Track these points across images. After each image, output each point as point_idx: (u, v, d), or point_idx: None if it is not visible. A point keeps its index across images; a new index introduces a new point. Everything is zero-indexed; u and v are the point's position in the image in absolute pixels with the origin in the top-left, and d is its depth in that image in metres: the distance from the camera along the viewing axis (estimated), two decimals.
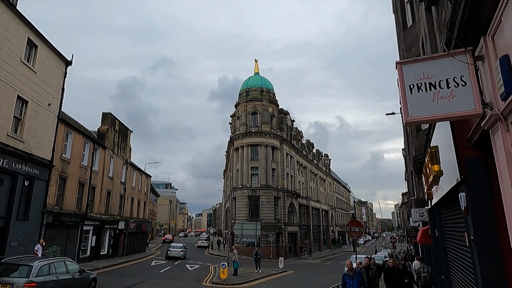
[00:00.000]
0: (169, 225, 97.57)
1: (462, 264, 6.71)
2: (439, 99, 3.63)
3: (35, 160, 18.45)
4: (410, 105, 3.75)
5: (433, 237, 11.66)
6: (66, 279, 12.36)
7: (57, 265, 12.35)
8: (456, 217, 6.84)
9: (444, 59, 3.73)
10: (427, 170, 8.72)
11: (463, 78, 3.61)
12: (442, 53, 3.83)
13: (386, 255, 36.04)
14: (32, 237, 18.54)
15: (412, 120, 3.75)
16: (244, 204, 43.93)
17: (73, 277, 12.87)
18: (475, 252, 4.56)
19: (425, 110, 3.69)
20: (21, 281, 10.51)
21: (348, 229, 16.75)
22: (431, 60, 3.81)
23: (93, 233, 26.44)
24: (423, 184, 13.65)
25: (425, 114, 3.69)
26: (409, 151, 26.98)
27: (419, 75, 3.79)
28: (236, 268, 22.90)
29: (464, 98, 3.55)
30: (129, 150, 35.40)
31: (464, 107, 3.53)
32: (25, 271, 10.98)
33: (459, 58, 3.62)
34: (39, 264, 11.50)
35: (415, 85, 3.79)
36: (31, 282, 10.61)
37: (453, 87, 3.62)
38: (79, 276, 13.25)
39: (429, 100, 3.68)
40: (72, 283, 12.72)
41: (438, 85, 3.69)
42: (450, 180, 6.10)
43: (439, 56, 3.83)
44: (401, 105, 23.42)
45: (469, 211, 4.62)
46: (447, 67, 3.70)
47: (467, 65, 3.57)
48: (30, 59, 18.49)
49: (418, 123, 3.87)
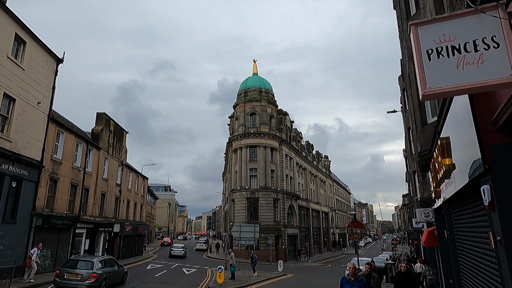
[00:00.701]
0: (168, 228, 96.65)
1: (478, 268, 6.01)
2: (465, 66, 2.94)
3: (23, 160, 17.73)
4: (428, 75, 3.05)
5: (440, 238, 10.95)
6: (111, 271, 16.83)
7: (106, 261, 16.91)
8: (471, 215, 6.14)
9: (470, 17, 3.03)
10: (436, 165, 8.03)
11: (495, 39, 2.92)
12: (468, 9, 3.12)
13: (387, 258, 35.33)
14: (20, 241, 17.80)
15: (431, 92, 3.04)
16: (242, 206, 43.15)
17: (115, 270, 17.33)
18: (502, 254, 3.85)
19: (447, 80, 3.00)
20: (87, 272, 14.93)
21: (349, 230, 16.01)
22: (454, 19, 3.10)
23: (87, 236, 25.68)
24: (428, 182, 12.95)
25: (448, 85, 2.99)
26: (410, 151, 26.27)
27: (439, 37, 3.10)
28: (233, 272, 22.15)
29: (497, 63, 2.86)
30: (124, 151, 34.66)
31: (498, 74, 2.83)
32: (89, 265, 15.37)
33: (490, 13, 2.93)
34: (97, 260, 16.10)
35: (434, 50, 3.10)
36: (94, 273, 15.02)
37: (482, 50, 2.94)
38: (118, 269, 17.80)
39: (452, 68, 2.99)
40: (115, 275, 17.21)
41: (463, 49, 3.01)
42: (464, 173, 5.41)
43: (464, 14, 3.11)
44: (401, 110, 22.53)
45: (494, 206, 3.92)
46: (474, 26, 3.01)
47: (500, 22, 2.88)
48: (18, 55, 17.83)
49: (438, 96, 3.17)
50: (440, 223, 10.81)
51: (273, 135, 46.26)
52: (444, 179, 7.45)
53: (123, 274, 18.44)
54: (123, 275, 18.37)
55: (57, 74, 21.25)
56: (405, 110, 24.03)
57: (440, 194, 9.13)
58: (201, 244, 55.03)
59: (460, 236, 7.80)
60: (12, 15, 16.91)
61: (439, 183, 8.24)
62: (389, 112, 22.58)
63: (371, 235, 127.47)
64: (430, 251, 17.90)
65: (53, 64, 20.84)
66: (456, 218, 8.05)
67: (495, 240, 4.01)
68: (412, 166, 25.82)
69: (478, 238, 5.69)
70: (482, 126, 4.10)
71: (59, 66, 21.39)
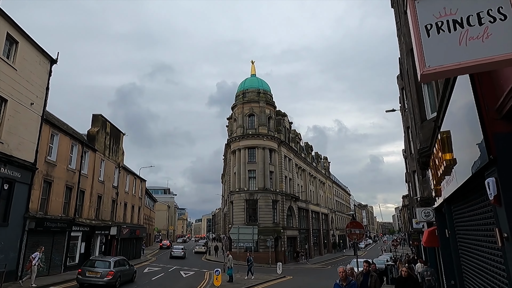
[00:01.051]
0: (167, 230, 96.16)
1: (482, 268, 5.68)
2: (468, 41, 2.64)
3: (15, 162, 17.39)
4: (427, 52, 2.74)
5: (441, 238, 10.62)
6: (124, 270, 19.00)
7: (119, 261, 18.97)
8: (474, 212, 5.82)
9: None
10: (436, 161, 7.71)
11: (502, 10, 2.61)
12: None
13: (388, 259, 34.97)
14: (12, 244, 17.46)
15: (431, 71, 2.73)
16: (241, 208, 42.76)
17: (126, 269, 19.54)
18: (510, 253, 3.54)
19: (448, 57, 2.69)
20: (105, 270, 17.06)
21: (348, 231, 15.65)
22: None
23: (83, 239, 25.31)
24: (428, 181, 12.65)
25: (449, 62, 2.68)
26: (410, 151, 25.98)
27: (439, 11, 2.79)
28: (230, 275, 21.78)
29: (504, 37, 2.54)
30: (121, 153, 34.32)
31: (505, 49, 2.52)
32: (106, 264, 17.55)
33: None
34: (113, 260, 18.28)
35: (434, 25, 2.79)
36: (111, 271, 17.14)
37: (487, 24, 2.63)
38: (129, 268, 20.04)
39: (453, 44, 2.68)
40: (127, 273, 19.42)
41: (466, 23, 2.70)
42: (466, 168, 5.11)
43: None
44: (400, 109, 22.00)
45: (501, 200, 3.60)
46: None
47: None
48: (10, 55, 17.53)
49: (438, 76, 2.86)
50: (441, 223, 10.48)
51: (271, 136, 45.94)
52: (445, 176, 7.13)
53: (133, 273, 20.74)
54: (133, 273, 20.64)
55: (51, 74, 20.95)
56: (404, 109, 23.75)
57: (440, 192, 8.82)
58: (200, 246, 54.66)
59: (462, 235, 7.48)
60: (3, 14, 16.63)
61: (440, 180, 7.92)
62: (388, 111, 22.26)
63: (371, 236, 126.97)
64: (431, 252, 17.57)
65: (46, 64, 20.55)
66: (458, 216, 7.73)
67: (502, 238, 3.70)
68: (412, 166, 25.52)
69: (482, 237, 5.37)
70: (486, 114, 3.78)
71: (53, 67, 21.10)
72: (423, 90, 10.13)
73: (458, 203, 7.42)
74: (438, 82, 7.87)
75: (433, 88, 9.00)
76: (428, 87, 9.78)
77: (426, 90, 10.03)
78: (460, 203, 7.16)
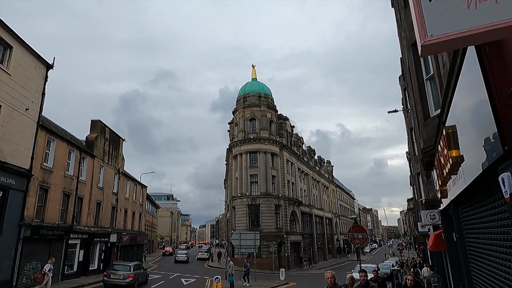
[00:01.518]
0: (171, 237, 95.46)
1: (494, 274, 5.17)
2: (479, 3, 2.18)
3: (9, 168, 17.03)
4: (428, 19, 2.28)
5: (449, 242, 10.07)
6: (141, 273, 21.93)
7: (136, 266, 21.75)
8: (485, 213, 5.32)
9: None
10: (441, 160, 7.20)
11: None
12: None
13: (393, 264, 34.23)
14: (7, 253, 17.03)
15: (433, 40, 2.26)
16: (243, 213, 42.18)
17: (141, 272, 22.14)
18: None
19: (454, 23, 2.22)
20: (127, 273, 19.85)
21: (351, 235, 15.09)
22: None
23: (81, 247, 24.85)
24: (433, 182, 12.11)
25: (456, 29, 2.22)
26: (414, 152, 25.43)
27: None
28: (231, 282, 21.22)
29: None
30: (121, 159, 33.96)
31: None
32: (127, 268, 20.37)
33: None
34: (132, 264, 21.19)
35: None
36: (132, 273, 19.95)
37: None
38: (143, 272, 22.86)
39: (460, 7, 2.23)
40: (142, 275, 22.05)
41: None
42: (475, 164, 4.62)
43: None
44: (403, 111, 21.52)
45: None
46: None
47: None
48: (4, 60, 17.26)
49: (443, 46, 2.38)
50: (448, 225, 9.94)
51: (273, 140, 45.44)
52: (451, 175, 6.62)
53: (147, 276, 23.64)
54: (146, 276, 23.39)
55: (47, 80, 20.68)
56: (407, 110, 23.24)
57: (446, 193, 8.29)
58: (203, 253, 54.14)
59: (472, 239, 6.95)
60: None
61: (445, 180, 7.40)
62: (390, 112, 21.77)
63: (376, 240, 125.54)
64: (438, 256, 16.93)
65: (42, 69, 20.28)
66: (466, 218, 7.21)
67: None
68: (416, 167, 24.95)
69: (494, 240, 4.86)
70: (499, 100, 3.31)
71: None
72: (426, 86, 9.66)
73: (466, 204, 6.91)
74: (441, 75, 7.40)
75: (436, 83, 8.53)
76: (431, 83, 9.31)
77: (429, 86, 9.55)
78: (469, 204, 6.65)
